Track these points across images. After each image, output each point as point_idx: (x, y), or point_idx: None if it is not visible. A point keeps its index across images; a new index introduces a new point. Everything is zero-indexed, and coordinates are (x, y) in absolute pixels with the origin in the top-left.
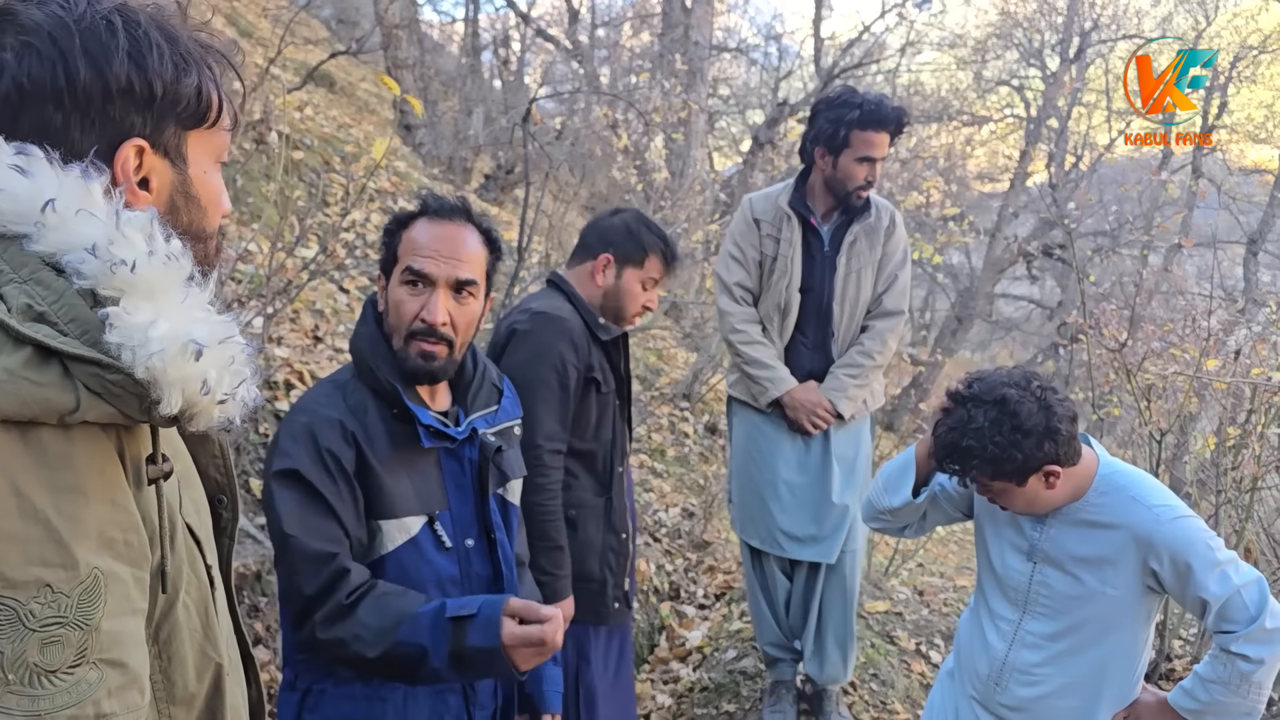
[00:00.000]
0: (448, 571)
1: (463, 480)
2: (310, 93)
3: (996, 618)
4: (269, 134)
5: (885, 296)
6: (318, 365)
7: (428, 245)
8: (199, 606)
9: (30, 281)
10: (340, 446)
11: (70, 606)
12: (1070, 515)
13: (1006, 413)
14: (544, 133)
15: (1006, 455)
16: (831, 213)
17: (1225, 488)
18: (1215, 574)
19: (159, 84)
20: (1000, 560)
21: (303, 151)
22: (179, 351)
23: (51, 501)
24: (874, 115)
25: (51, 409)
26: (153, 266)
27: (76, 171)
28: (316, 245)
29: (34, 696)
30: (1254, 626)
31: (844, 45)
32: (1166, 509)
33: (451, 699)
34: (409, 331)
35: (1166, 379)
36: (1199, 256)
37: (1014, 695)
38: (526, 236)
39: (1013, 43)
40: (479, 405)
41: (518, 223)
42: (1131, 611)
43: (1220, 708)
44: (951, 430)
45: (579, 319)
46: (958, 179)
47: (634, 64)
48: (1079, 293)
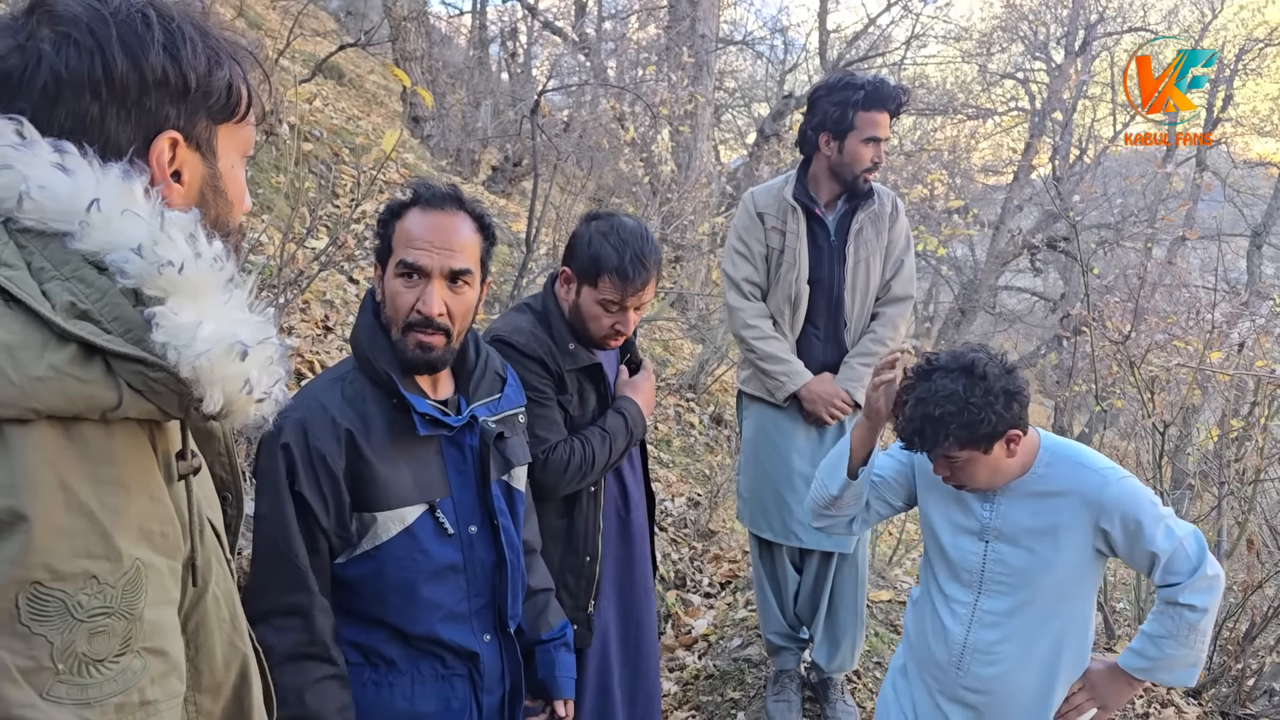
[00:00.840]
0: (449, 559)
1: (464, 467)
2: (319, 85)
3: (951, 601)
4: (279, 126)
5: (894, 282)
6: (328, 355)
7: (421, 236)
8: (227, 598)
9: (73, 279)
10: (330, 446)
11: (115, 597)
12: (1019, 489)
13: (976, 376)
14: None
15: (981, 418)
16: (835, 202)
17: (1228, 480)
18: (1161, 529)
19: (193, 76)
20: (952, 544)
21: (312, 143)
22: (225, 352)
23: (95, 495)
24: (877, 95)
25: (95, 405)
26: (199, 269)
27: (117, 170)
28: (327, 237)
29: (83, 685)
30: (1196, 576)
31: (849, 38)
32: (1112, 470)
33: (459, 684)
34: (406, 323)
35: (1170, 371)
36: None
37: (976, 677)
38: (534, 229)
39: (1018, 36)
40: (481, 393)
41: (525, 215)
42: (1082, 578)
43: (1170, 661)
44: (921, 402)
45: (544, 342)
46: (962, 172)
47: (641, 57)
48: (1083, 285)
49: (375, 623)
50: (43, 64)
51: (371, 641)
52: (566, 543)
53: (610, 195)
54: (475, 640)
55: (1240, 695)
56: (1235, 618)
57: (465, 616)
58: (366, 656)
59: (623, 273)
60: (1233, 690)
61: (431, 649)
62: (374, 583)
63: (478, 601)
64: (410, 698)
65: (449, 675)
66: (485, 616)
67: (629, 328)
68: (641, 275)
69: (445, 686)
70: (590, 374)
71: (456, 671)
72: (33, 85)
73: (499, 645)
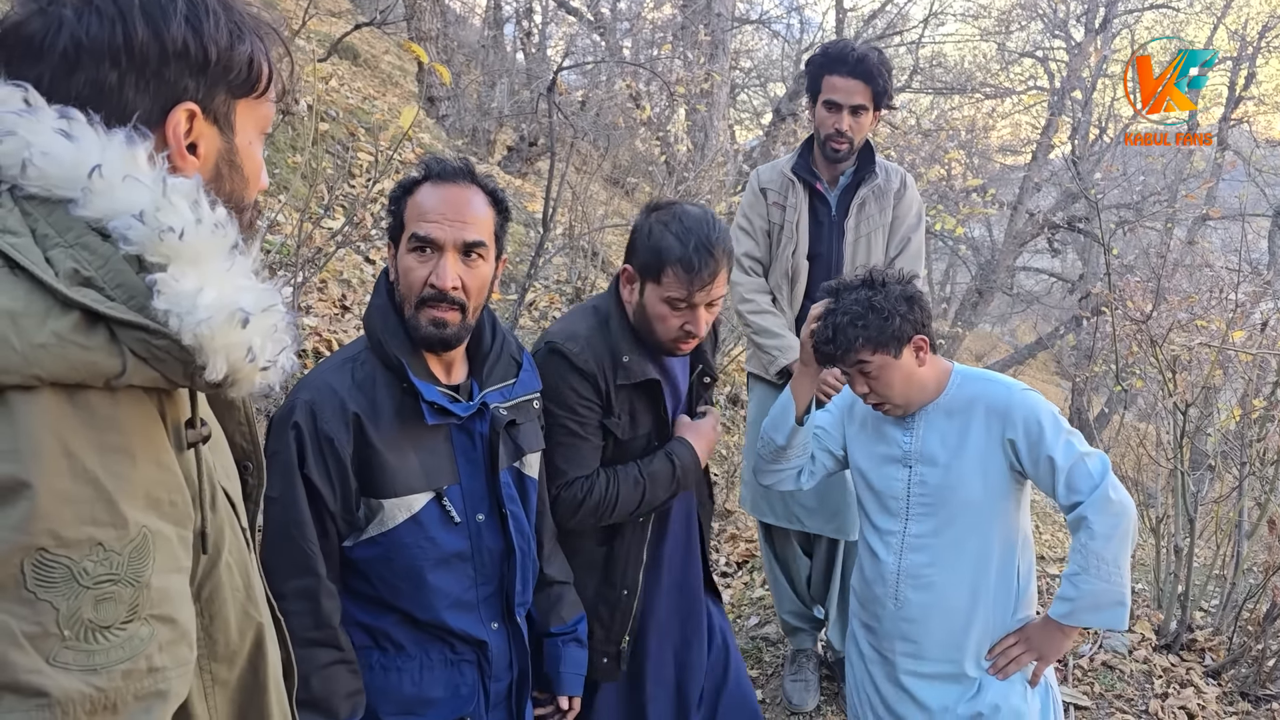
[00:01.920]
0: (455, 547)
1: (473, 454)
2: (335, 65)
3: (883, 534)
4: (295, 105)
5: (898, 260)
6: (345, 334)
7: (433, 209)
8: (240, 567)
9: (76, 246)
10: (338, 430)
11: (122, 564)
12: (935, 410)
13: (875, 285)
14: (567, 105)
15: (886, 317)
16: (837, 177)
17: (1249, 460)
18: (1063, 440)
19: (214, 49)
20: (878, 475)
21: (328, 123)
22: (226, 319)
23: (100, 462)
24: (834, 57)
25: (98, 372)
26: (200, 234)
27: (121, 136)
28: (343, 216)
29: (89, 651)
30: (1098, 493)
31: (866, 17)
32: (1017, 384)
33: (467, 670)
34: (419, 298)
35: (1191, 351)
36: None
37: (910, 604)
38: (550, 209)
39: (1037, 13)
40: (496, 378)
41: (541, 195)
42: (998, 497)
43: (1090, 598)
44: (831, 313)
45: (600, 353)
46: (980, 151)
47: (656, 36)
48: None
49: (384, 606)
50: (64, 29)
51: (380, 624)
52: (604, 574)
53: (626, 175)
54: (483, 628)
55: (1260, 676)
56: (1256, 598)
57: (473, 604)
58: (375, 639)
59: (688, 264)
60: (1253, 670)
61: (440, 635)
62: (381, 567)
63: (485, 589)
64: (418, 682)
65: (457, 661)
66: (493, 604)
67: (700, 327)
68: (709, 265)
69: (454, 672)
70: (646, 391)
71: (465, 658)
72: (53, 51)
73: (507, 633)
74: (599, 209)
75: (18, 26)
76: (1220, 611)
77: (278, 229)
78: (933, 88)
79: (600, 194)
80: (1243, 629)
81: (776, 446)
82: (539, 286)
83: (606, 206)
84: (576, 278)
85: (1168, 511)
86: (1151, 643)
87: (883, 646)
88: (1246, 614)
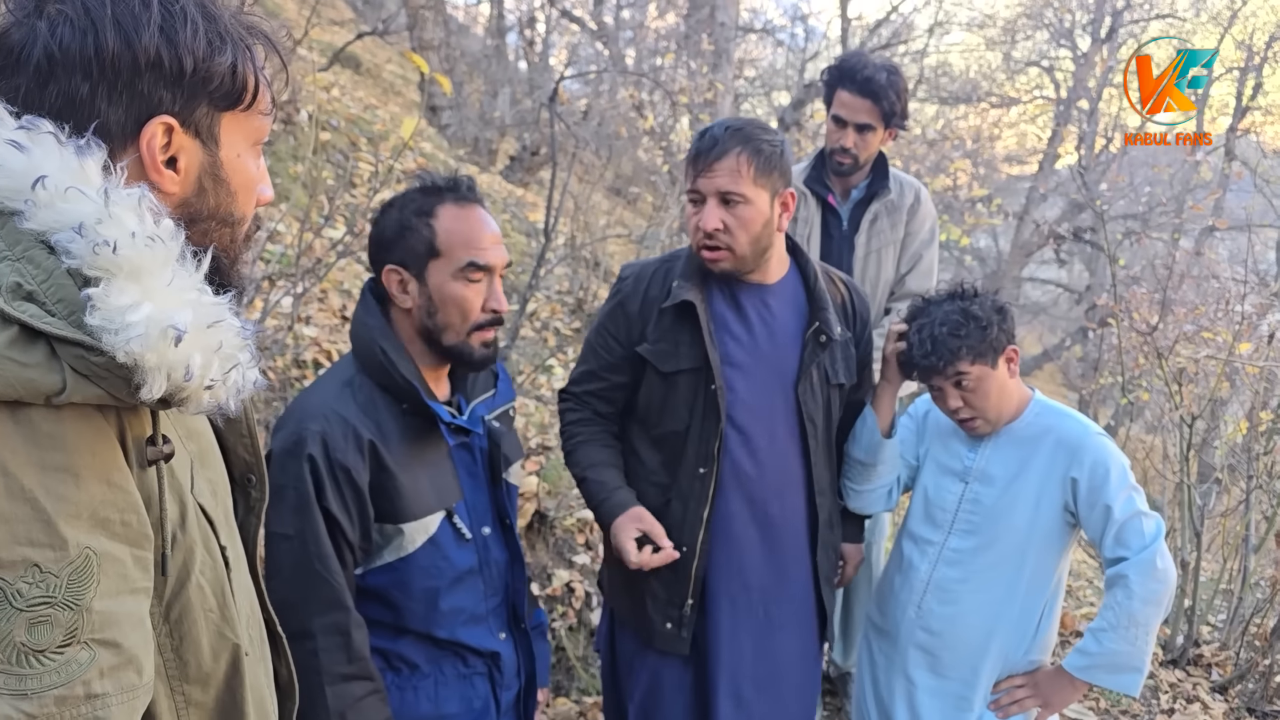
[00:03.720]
0: (466, 564)
1: (475, 469)
2: (337, 74)
3: (920, 541)
4: (297, 114)
5: (909, 277)
6: (345, 344)
7: (481, 234)
8: (214, 587)
9: (23, 260)
10: (354, 459)
11: (59, 586)
12: (1007, 434)
13: (967, 297)
14: (569, 114)
15: (985, 328)
16: (849, 190)
17: (1256, 473)
18: (1125, 493)
19: (189, 59)
20: (934, 484)
21: (329, 132)
22: (159, 336)
23: (40, 481)
24: (845, 71)
25: (37, 390)
26: (136, 247)
27: (71, 147)
28: (344, 226)
29: (21, 675)
30: (1146, 554)
31: (871, 26)
32: (1095, 426)
33: (479, 682)
34: (476, 324)
35: (1198, 363)
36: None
37: (933, 615)
38: (552, 218)
39: (1043, 22)
40: (479, 390)
41: (543, 204)
42: (1045, 535)
43: (1110, 657)
44: (926, 327)
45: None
46: (986, 161)
47: (659, 45)
48: (1109, 276)
49: (399, 630)
50: (37, 42)
51: (396, 648)
52: (663, 525)
53: (629, 184)
54: (493, 639)
55: (1267, 691)
56: (1263, 613)
57: (483, 617)
58: (389, 661)
59: (691, 154)
60: (1260, 686)
61: (453, 650)
62: (398, 592)
63: (494, 601)
64: (435, 700)
65: (470, 675)
66: (501, 614)
67: (710, 220)
68: (711, 148)
69: (466, 686)
70: (687, 319)
71: (477, 670)
72: (28, 62)
73: (514, 641)
74: (601, 219)
75: (1, 38)
76: (1227, 626)
77: (278, 238)
78: (938, 97)
79: (603, 204)
80: (1250, 644)
81: (866, 464)
82: (540, 297)
83: (609, 216)
84: (578, 288)
85: (1174, 525)
86: (1158, 657)
87: (894, 651)
88: (1254, 629)
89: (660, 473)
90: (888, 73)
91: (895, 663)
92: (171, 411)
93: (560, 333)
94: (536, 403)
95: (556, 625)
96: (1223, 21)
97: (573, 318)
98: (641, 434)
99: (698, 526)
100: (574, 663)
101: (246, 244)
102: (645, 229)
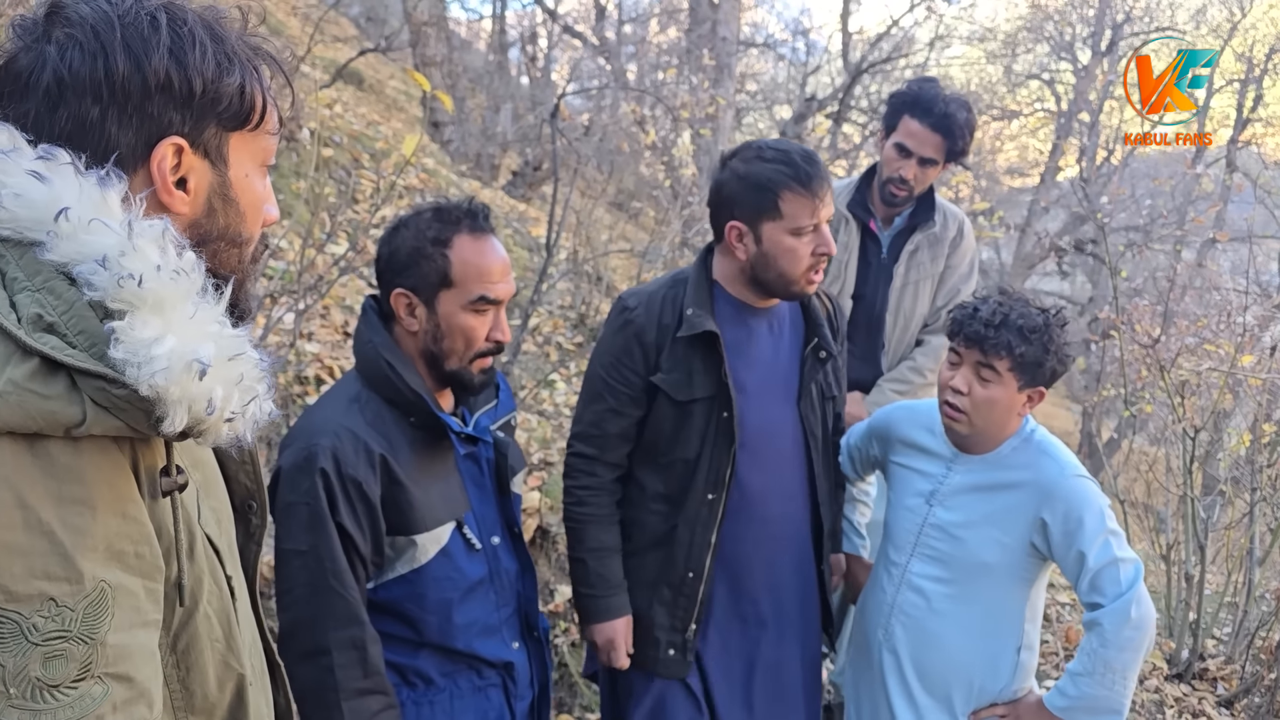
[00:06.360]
0: (477, 574)
1: (482, 480)
2: (339, 90)
3: (888, 563)
4: (299, 131)
5: (945, 311)
6: (348, 360)
7: (493, 268)
8: (220, 616)
9: (43, 291)
10: (365, 473)
11: (74, 620)
12: (981, 461)
13: (1057, 325)
14: (571, 129)
15: (1045, 353)
16: (892, 218)
17: (1260, 485)
18: (1101, 538)
19: (199, 81)
20: (899, 504)
21: (332, 149)
22: (183, 370)
23: (57, 514)
24: (920, 101)
25: (57, 422)
26: (160, 281)
27: (93, 178)
28: (346, 242)
29: (36, 711)
30: (1120, 602)
31: (872, 40)
32: (1072, 466)
33: (493, 694)
34: (479, 352)
35: (1200, 375)
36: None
37: (898, 639)
38: (554, 233)
39: (1043, 36)
40: (481, 402)
41: (545, 220)
42: (1009, 568)
43: (1089, 702)
44: (1003, 305)
45: (665, 303)
46: (987, 174)
47: (661, 60)
48: (1111, 288)
49: (414, 644)
50: (46, 66)
51: (411, 662)
52: (667, 550)
53: (631, 199)
54: (507, 649)
55: (1273, 706)
56: (1269, 626)
57: (496, 627)
58: (404, 677)
59: (804, 179)
60: (1266, 700)
61: (468, 663)
62: (412, 605)
63: (505, 611)
64: (450, 713)
65: (484, 686)
66: (513, 624)
67: (829, 244)
68: (820, 172)
69: (481, 698)
70: (705, 348)
71: (491, 682)
72: (38, 87)
73: (527, 651)
74: (603, 233)
75: (9, 63)
76: (1232, 640)
77: (280, 255)
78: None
79: (605, 218)
80: (1255, 658)
81: None
82: (543, 311)
83: (611, 231)
84: (580, 302)
85: (1178, 538)
86: (1163, 672)
87: (870, 670)
88: (1259, 642)
89: (663, 499)
90: (965, 111)
91: (875, 683)
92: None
93: (562, 347)
94: (539, 418)
95: (559, 641)
96: (1223, 34)
97: (575, 332)
98: (645, 461)
99: (705, 551)
100: (576, 679)
101: (254, 264)
102: (647, 244)
